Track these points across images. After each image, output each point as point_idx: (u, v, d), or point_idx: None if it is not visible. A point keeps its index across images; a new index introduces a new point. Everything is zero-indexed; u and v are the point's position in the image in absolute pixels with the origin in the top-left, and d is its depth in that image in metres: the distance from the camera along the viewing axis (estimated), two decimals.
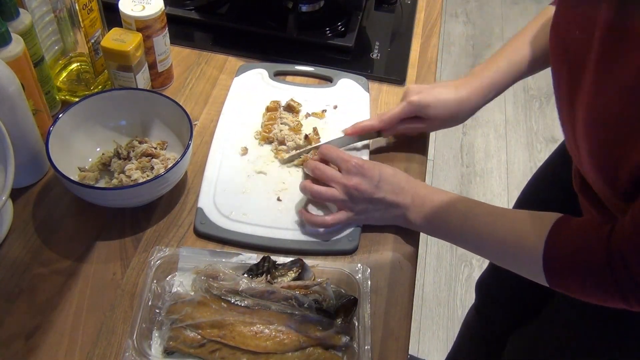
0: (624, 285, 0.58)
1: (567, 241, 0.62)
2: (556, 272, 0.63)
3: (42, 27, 0.88)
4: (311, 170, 0.81)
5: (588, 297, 0.63)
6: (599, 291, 0.61)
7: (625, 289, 0.58)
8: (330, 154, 0.80)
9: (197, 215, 0.80)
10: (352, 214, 0.78)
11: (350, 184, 0.76)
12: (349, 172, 0.77)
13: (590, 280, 0.61)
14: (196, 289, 0.71)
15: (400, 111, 0.85)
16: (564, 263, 0.63)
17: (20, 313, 0.70)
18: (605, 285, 0.59)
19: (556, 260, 0.63)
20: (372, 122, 0.87)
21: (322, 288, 0.70)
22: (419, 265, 1.91)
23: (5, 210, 0.78)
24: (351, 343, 0.67)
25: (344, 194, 0.77)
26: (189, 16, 1.10)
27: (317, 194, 0.78)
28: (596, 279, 0.60)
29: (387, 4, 1.17)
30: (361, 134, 0.88)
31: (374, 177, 0.76)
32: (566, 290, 0.65)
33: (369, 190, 0.76)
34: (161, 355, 0.66)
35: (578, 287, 0.63)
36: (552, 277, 0.64)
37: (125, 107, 0.85)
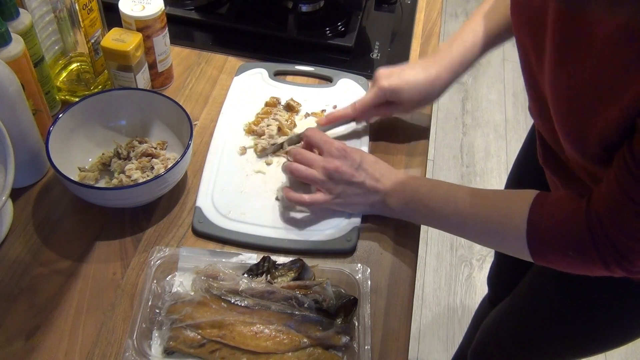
0: (604, 251, 0.60)
1: (548, 215, 0.64)
2: (540, 246, 0.65)
3: (42, 27, 0.88)
4: (293, 155, 0.81)
5: (572, 268, 0.66)
6: (582, 261, 0.62)
7: (605, 254, 0.60)
8: (314, 136, 0.81)
9: (195, 214, 0.80)
10: (330, 197, 0.78)
11: (331, 166, 0.76)
12: (331, 155, 0.78)
13: (573, 250, 0.62)
14: (196, 289, 0.71)
15: (373, 97, 0.85)
16: (546, 237, 0.64)
17: (20, 313, 0.70)
18: (587, 253, 0.61)
19: (539, 235, 0.64)
20: (346, 111, 0.88)
21: (322, 288, 0.70)
22: (419, 265, 1.91)
23: (5, 210, 0.78)
24: (351, 343, 0.67)
25: (324, 175, 0.77)
26: (189, 16, 1.10)
27: (297, 171, 0.79)
28: (578, 249, 0.62)
29: (387, 4, 1.17)
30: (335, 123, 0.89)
31: (355, 161, 0.77)
32: (550, 264, 0.67)
33: (348, 172, 0.76)
34: (161, 355, 0.66)
35: (561, 259, 0.65)
36: (536, 252, 0.66)
37: (125, 107, 0.85)
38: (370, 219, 0.82)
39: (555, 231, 0.64)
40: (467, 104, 2.48)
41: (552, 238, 0.64)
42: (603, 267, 0.61)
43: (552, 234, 0.64)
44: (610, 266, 0.61)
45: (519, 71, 0.76)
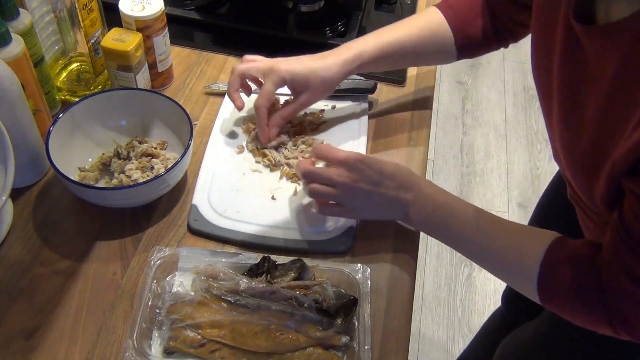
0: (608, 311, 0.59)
1: (561, 265, 0.63)
2: (549, 294, 0.65)
3: (42, 27, 0.88)
4: (302, 175, 0.78)
5: (578, 321, 0.65)
6: (588, 316, 0.62)
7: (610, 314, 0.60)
8: (323, 153, 0.77)
9: (191, 212, 0.80)
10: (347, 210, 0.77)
11: (349, 182, 0.73)
12: (348, 169, 0.74)
13: (580, 303, 0.62)
14: (196, 289, 0.71)
15: (274, 86, 0.83)
16: (556, 286, 0.64)
17: (20, 313, 0.70)
18: (594, 310, 0.61)
19: (550, 283, 0.64)
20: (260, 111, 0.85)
21: (322, 288, 0.70)
22: (419, 265, 1.91)
23: (5, 210, 0.78)
24: (351, 343, 0.67)
25: (342, 192, 0.74)
26: (189, 16, 1.10)
27: (317, 193, 0.76)
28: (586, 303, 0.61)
29: (387, 4, 1.17)
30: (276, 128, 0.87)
31: (374, 174, 0.74)
32: (558, 312, 0.66)
33: (369, 188, 0.74)
34: (161, 355, 0.66)
35: (568, 311, 0.64)
36: (544, 298, 0.65)
37: (125, 107, 0.85)
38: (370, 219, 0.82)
39: (565, 281, 0.63)
40: (467, 104, 2.48)
41: (562, 287, 0.63)
42: (609, 327, 0.60)
43: (563, 284, 0.63)
44: (616, 328, 0.60)
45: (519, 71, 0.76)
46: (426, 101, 1.00)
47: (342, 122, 0.94)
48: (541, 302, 0.66)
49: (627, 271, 0.57)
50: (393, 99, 1.00)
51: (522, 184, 2.17)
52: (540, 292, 0.65)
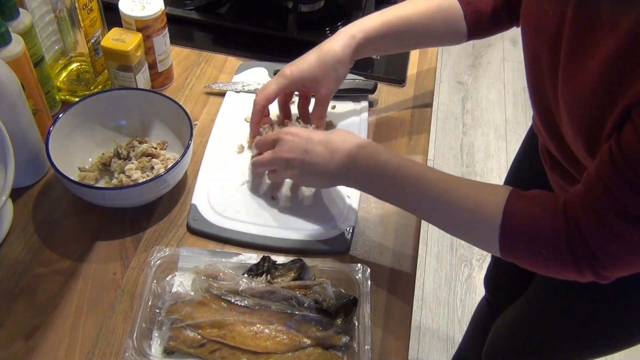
0: (578, 251, 0.58)
1: (525, 209, 0.62)
2: (511, 241, 0.63)
3: (42, 27, 0.88)
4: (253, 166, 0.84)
5: (540, 268, 0.64)
6: (553, 260, 0.61)
7: (579, 255, 0.58)
8: (261, 141, 0.82)
9: (191, 212, 0.80)
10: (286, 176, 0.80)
11: (279, 154, 0.77)
12: (278, 145, 0.78)
13: (546, 248, 0.60)
14: (196, 289, 0.71)
15: (276, 86, 0.83)
16: (520, 231, 0.62)
17: (20, 313, 0.70)
18: (560, 253, 0.59)
19: (513, 228, 0.62)
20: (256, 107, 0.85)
21: (322, 288, 0.70)
22: (419, 265, 1.91)
23: (5, 210, 0.78)
24: (351, 343, 0.67)
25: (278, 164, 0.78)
26: (189, 16, 1.10)
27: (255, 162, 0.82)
28: (552, 247, 0.60)
29: (387, 3, 1.17)
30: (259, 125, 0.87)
31: (302, 143, 0.75)
32: (518, 260, 0.64)
33: (299, 157, 0.75)
34: (161, 355, 0.66)
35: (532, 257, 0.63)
36: (506, 247, 0.63)
37: (125, 107, 0.86)
38: (370, 220, 0.82)
39: (530, 226, 0.61)
40: (467, 104, 2.48)
41: (525, 233, 0.62)
42: (575, 269, 0.59)
43: (527, 229, 0.61)
44: (582, 269, 0.59)
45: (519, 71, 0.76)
46: (426, 101, 1.00)
47: (342, 122, 0.94)
48: (501, 251, 0.64)
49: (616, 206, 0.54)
50: (393, 99, 1.00)
51: None
52: (502, 241, 0.63)
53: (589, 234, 0.57)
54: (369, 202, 0.84)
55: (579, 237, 0.58)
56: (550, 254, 0.60)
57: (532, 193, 0.64)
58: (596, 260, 0.58)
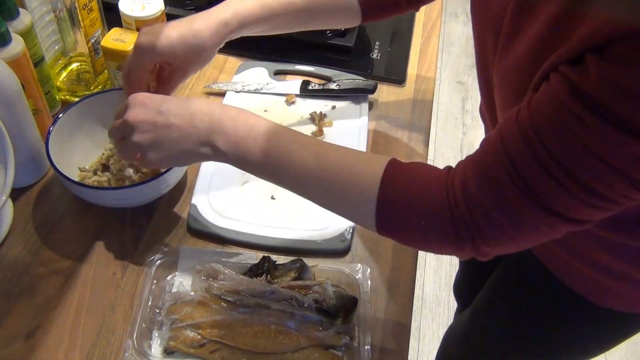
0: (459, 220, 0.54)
1: (405, 177, 0.58)
2: (389, 211, 0.57)
3: (42, 27, 0.88)
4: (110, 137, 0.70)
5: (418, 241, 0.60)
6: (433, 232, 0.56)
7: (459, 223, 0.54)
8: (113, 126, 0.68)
9: (191, 212, 0.80)
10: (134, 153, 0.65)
11: (129, 117, 0.63)
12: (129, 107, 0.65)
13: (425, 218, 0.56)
14: (196, 289, 0.71)
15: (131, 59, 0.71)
16: (399, 200, 0.57)
17: (20, 313, 0.70)
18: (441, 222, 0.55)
19: (392, 199, 0.57)
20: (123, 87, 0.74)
21: (322, 288, 0.70)
22: (419, 265, 1.91)
23: (5, 210, 0.78)
24: (351, 343, 0.67)
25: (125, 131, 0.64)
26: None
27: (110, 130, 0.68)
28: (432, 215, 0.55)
29: None
30: None
31: (155, 105, 0.64)
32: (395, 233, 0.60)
33: (149, 119, 0.63)
34: (161, 355, 0.66)
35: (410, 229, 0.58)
36: (382, 217, 0.58)
37: None
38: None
39: (409, 194, 0.56)
40: (467, 104, 2.48)
41: (405, 202, 0.56)
42: (455, 240, 0.54)
43: (406, 198, 0.56)
44: (463, 241, 0.54)
45: None
46: (426, 101, 1.00)
47: (342, 122, 0.94)
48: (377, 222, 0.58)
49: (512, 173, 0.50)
50: (393, 99, 1.00)
51: None
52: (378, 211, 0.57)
53: (476, 199, 0.52)
54: None
55: (464, 203, 0.53)
56: (429, 224, 0.55)
57: (414, 163, 0.60)
58: (478, 231, 0.53)
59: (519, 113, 0.50)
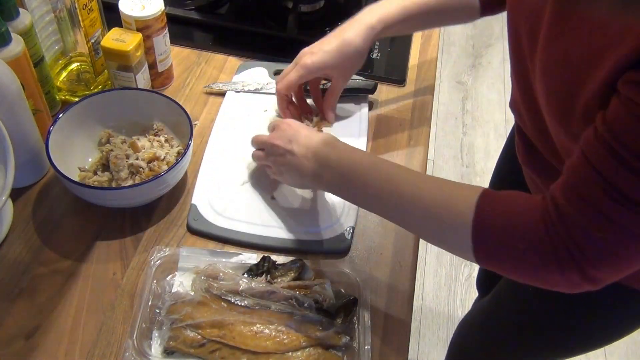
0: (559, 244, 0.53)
1: (499, 205, 0.58)
2: (486, 236, 0.58)
3: (42, 27, 0.88)
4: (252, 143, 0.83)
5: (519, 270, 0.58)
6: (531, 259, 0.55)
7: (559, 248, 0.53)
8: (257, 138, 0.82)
9: (191, 212, 0.80)
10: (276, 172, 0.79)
11: (268, 140, 0.78)
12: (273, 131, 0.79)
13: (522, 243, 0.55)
14: (196, 289, 0.71)
15: (297, 76, 0.84)
16: (495, 228, 0.57)
17: (20, 313, 0.70)
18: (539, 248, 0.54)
19: (488, 228, 0.57)
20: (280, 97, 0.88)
21: (322, 288, 0.70)
22: (419, 265, 1.91)
23: (5, 210, 0.78)
24: (351, 343, 0.67)
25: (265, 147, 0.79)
26: (189, 16, 1.10)
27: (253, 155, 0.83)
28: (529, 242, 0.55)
29: None
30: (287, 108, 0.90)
31: (290, 132, 0.76)
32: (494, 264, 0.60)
33: (281, 144, 0.76)
34: (161, 355, 0.66)
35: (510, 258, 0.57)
36: (480, 247, 0.58)
37: (125, 107, 0.85)
38: (370, 219, 0.82)
39: (505, 222, 0.56)
40: (467, 104, 2.48)
41: (500, 226, 0.57)
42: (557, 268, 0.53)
43: (502, 226, 0.56)
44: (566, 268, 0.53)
45: None
46: (426, 101, 1.00)
47: (342, 122, 0.94)
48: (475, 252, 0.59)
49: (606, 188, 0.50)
50: (393, 99, 1.00)
51: None
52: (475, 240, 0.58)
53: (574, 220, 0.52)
54: None
55: (561, 225, 0.52)
56: (528, 252, 0.55)
57: (506, 192, 0.60)
58: (580, 251, 0.52)
59: (597, 131, 0.51)
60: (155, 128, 0.86)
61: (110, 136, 0.85)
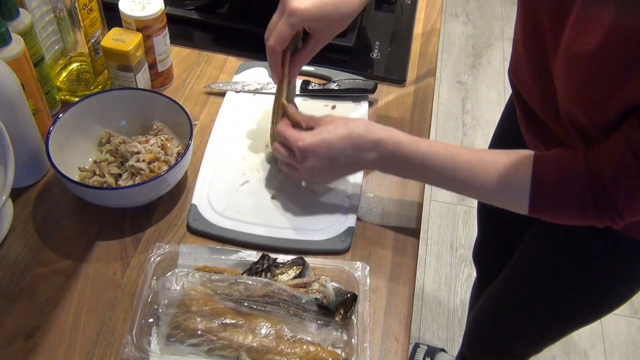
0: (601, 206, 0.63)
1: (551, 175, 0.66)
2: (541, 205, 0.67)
3: (42, 27, 0.88)
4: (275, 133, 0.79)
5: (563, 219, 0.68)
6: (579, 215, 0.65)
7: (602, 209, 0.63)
8: (281, 134, 0.76)
9: (191, 212, 0.80)
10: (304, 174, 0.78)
11: (306, 169, 0.75)
12: (300, 157, 0.75)
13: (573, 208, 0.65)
14: (196, 288, 0.71)
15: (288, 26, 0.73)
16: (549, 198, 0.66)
17: (20, 313, 0.70)
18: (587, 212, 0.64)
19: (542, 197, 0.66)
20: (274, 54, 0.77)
21: (322, 286, 0.70)
22: (419, 265, 1.91)
23: (5, 210, 0.78)
24: (350, 340, 0.67)
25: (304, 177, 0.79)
26: (189, 16, 1.10)
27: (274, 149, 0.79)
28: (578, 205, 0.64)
29: (387, 4, 1.17)
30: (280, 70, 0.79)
31: (324, 157, 0.74)
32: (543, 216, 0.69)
33: (326, 169, 0.76)
34: (160, 352, 0.66)
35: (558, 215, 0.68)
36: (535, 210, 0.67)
37: (125, 107, 0.85)
38: (370, 219, 0.82)
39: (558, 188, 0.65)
40: (467, 104, 2.48)
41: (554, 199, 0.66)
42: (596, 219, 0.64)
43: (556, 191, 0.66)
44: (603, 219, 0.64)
45: None
46: (426, 101, 1.00)
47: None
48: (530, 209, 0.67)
49: None
50: (393, 99, 1.00)
51: None
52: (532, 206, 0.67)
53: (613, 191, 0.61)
54: (369, 202, 0.84)
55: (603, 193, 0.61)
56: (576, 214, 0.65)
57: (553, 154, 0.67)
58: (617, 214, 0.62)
59: None
60: (155, 128, 0.86)
61: (110, 136, 0.85)
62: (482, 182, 0.70)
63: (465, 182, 0.71)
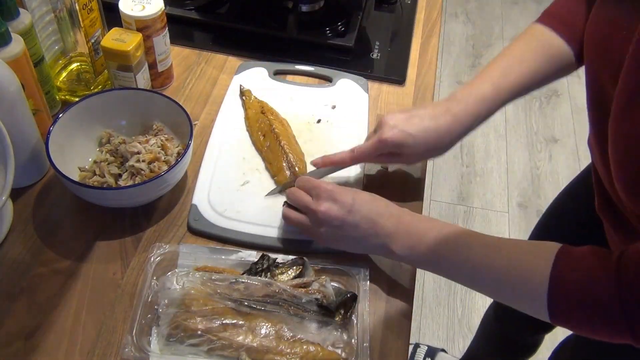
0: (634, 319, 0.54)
1: (572, 275, 0.58)
2: (561, 309, 0.59)
3: (42, 27, 0.88)
4: (287, 197, 0.77)
5: (594, 333, 0.59)
6: (606, 326, 0.57)
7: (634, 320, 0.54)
8: (305, 184, 0.75)
9: (191, 212, 0.80)
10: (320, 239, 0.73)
11: (320, 210, 0.71)
12: (319, 198, 0.71)
13: (598, 314, 0.57)
14: (196, 287, 0.71)
15: (373, 149, 0.77)
16: (570, 299, 0.58)
17: (20, 313, 0.70)
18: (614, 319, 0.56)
19: (562, 297, 0.58)
20: (344, 156, 0.80)
21: (322, 286, 0.70)
22: None
23: (5, 210, 0.78)
24: (350, 340, 0.67)
25: (313, 220, 0.72)
26: (189, 16, 1.10)
27: (287, 218, 0.76)
28: (604, 314, 0.56)
29: (387, 4, 1.17)
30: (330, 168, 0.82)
31: (346, 203, 0.70)
32: (570, 327, 0.61)
33: (340, 216, 0.70)
34: (160, 351, 0.66)
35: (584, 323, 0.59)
36: (556, 314, 0.59)
37: (125, 107, 0.85)
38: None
39: (579, 291, 0.57)
40: None
41: (575, 299, 0.57)
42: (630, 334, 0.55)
43: (576, 294, 0.57)
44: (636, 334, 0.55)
45: None
46: (426, 101, 1.00)
47: (342, 123, 0.94)
48: (551, 318, 0.59)
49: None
50: (393, 99, 1.00)
51: (522, 184, 2.17)
52: (551, 309, 0.59)
53: None
54: None
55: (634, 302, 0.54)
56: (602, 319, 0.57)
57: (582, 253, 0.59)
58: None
59: None
60: (155, 128, 0.86)
61: (110, 136, 0.85)
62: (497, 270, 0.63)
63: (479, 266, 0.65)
